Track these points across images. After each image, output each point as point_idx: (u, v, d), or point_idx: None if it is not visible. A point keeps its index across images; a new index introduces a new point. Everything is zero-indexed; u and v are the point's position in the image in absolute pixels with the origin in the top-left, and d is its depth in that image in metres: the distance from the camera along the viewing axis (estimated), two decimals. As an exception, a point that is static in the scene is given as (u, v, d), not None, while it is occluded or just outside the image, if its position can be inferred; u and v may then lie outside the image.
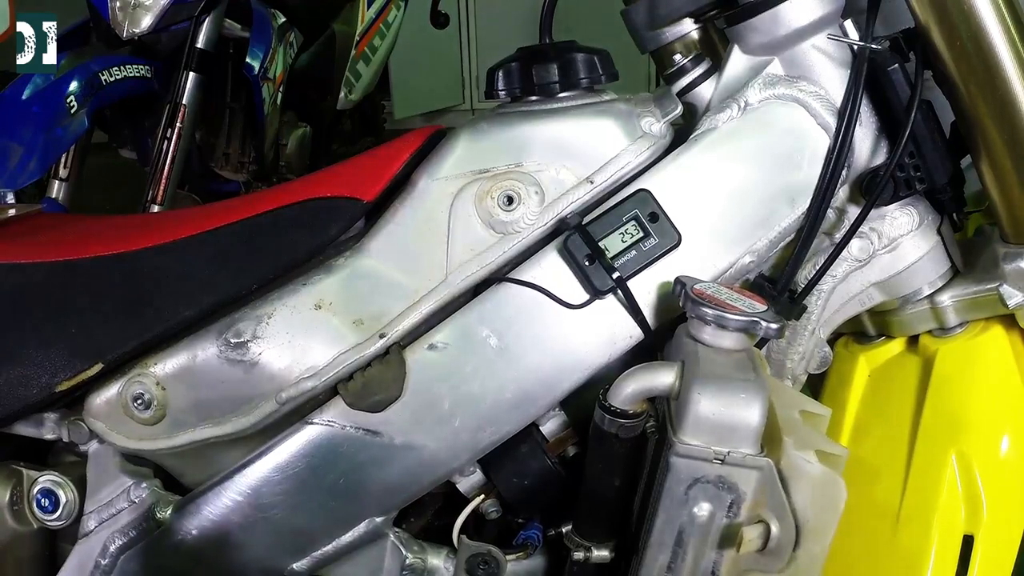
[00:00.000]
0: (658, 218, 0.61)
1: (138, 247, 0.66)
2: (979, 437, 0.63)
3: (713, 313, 0.55)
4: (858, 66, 0.60)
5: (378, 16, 3.15)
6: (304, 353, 0.62)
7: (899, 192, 0.63)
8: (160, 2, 1.99)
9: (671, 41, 0.72)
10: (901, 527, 0.64)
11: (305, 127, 2.84)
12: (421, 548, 0.69)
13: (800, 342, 0.68)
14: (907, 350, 0.70)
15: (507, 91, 0.66)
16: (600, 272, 0.60)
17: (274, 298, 0.64)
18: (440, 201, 0.64)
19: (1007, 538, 0.63)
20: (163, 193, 2.01)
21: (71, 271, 0.66)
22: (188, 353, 0.64)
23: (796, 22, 0.62)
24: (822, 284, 0.66)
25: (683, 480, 0.53)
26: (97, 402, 0.65)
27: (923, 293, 0.67)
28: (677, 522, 0.54)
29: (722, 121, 0.63)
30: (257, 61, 2.36)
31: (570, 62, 0.65)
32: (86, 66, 1.96)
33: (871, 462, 0.67)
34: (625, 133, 0.63)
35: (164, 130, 2.04)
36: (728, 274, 0.63)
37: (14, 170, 1.84)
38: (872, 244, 0.65)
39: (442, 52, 4.78)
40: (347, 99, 3.02)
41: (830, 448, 0.54)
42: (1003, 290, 0.63)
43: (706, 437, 0.52)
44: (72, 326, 0.64)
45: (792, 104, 0.63)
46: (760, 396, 0.51)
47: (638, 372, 0.56)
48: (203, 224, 0.66)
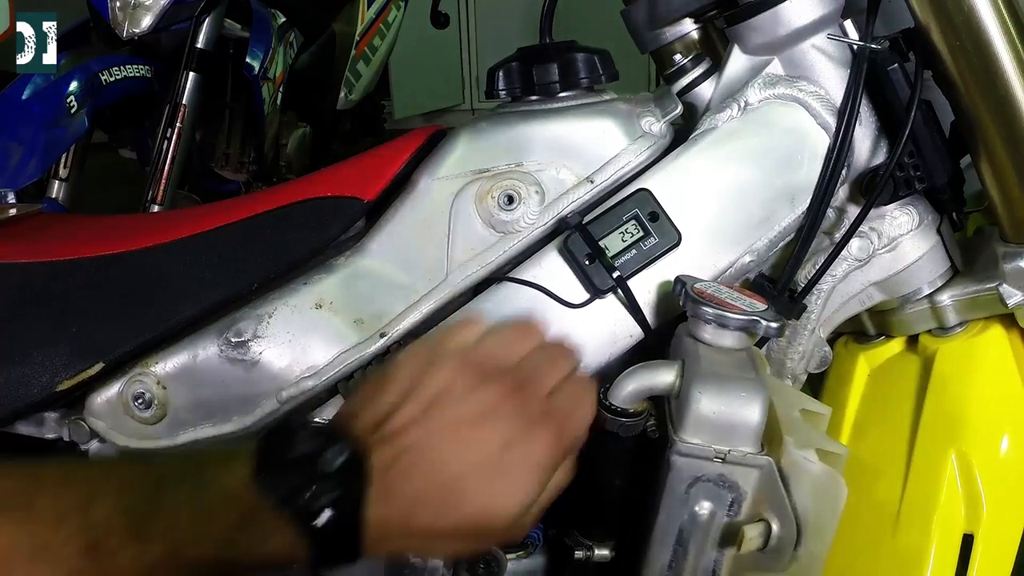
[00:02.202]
0: (658, 217, 0.61)
1: (138, 247, 0.66)
2: (979, 436, 0.64)
3: (713, 312, 0.55)
4: (858, 66, 0.61)
5: (378, 16, 3.15)
6: (305, 352, 0.63)
7: (899, 192, 0.63)
8: (160, 2, 1.99)
9: (671, 41, 0.72)
10: (901, 526, 0.64)
11: (305, 127, 2.84)
12: (421, 547, 0.69)
13: (800, 341, 0.68)
14: (907, 349, 0.70)
15: (507, 91, 0.66)
16: (600, 271, 0.60)
17: (275, 297, 0.64)
18: (440, 201, 0.64)
19: (1007, 537, 0.63)
20: (163, 193, 2.02)
21: (71, 271, 0.66)
22: (189, 352, 0.64)
23: (796, 22, 0.62)
24: (822, 284, 0.66)
25: (684, 479, 0.53)
26: (98, 401, 0.65)
27: (923, 293, 0.67)
28: (678, 521, 0.54)
29: (722, 121, 0.63)
30: (257, 61, 2.36)
31: (570, 62, 0.65)
32: (86, 66, 1.96)
33: (871, 461, 0.67)
34: (625, 133, 0.63)
35: (164, 130, 2.03)
36: (728, 273, 0.63)
37: (14, 170, 1.84)
38: (872, 244, 0.65)
39: (442, 52, 4.78)
40: (347, 99, 3.02)
41: (830, 447, 0.54)
42: (1003, 289, 0.63)
43: (707, 436, 0.52)
44: (72, 326, 0.64)
45: (792, 104, 0.63)
46: (760, 395, 0.52)
47: (638, 371, 0.56)
48: (203, 224, 0.66)
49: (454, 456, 0.46)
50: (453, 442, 0.46)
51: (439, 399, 0.47)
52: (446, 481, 0.46)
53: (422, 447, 0.46)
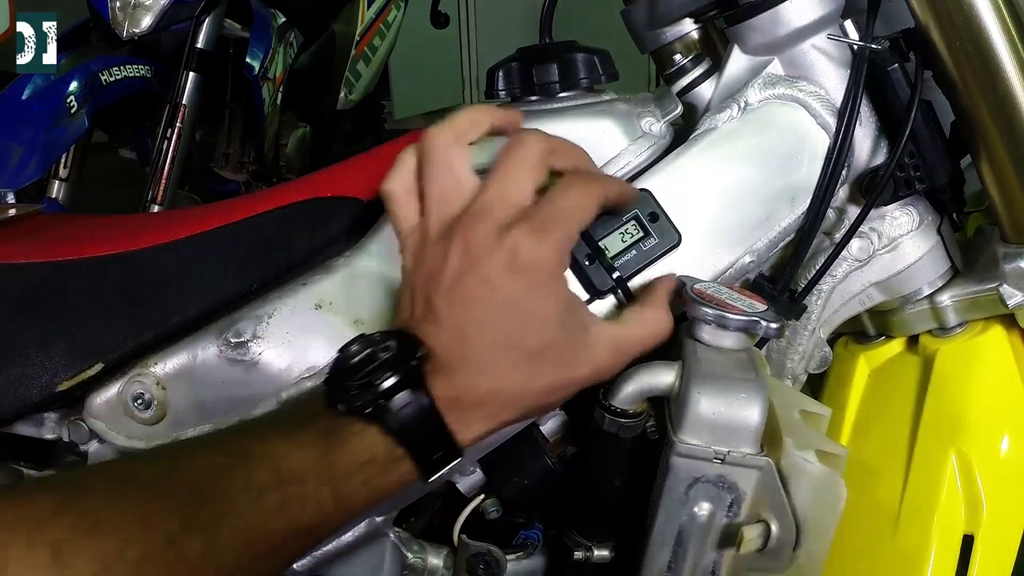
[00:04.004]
0: (658, 218, 0.61)
1: (138, 247, 0.66)
2: (979, 437, 0.64)
3: (713, 313, 0.55)
4: (858, 66, 0.60)
5: (378, 16, 3.15)
6: (304, 353, 0.62)
7: (899, 192, 0.63)
8: (160, 2, 1.99)
9: (671, 41, 0.71)
10: (901, 527, 0.64)
11: (305, 127, 2.84)
12: (421, 548, 0.69)
13: (800, 342, 0.68)
14: (907, 350, 0.70)
15: (507, 91, 0.66)
16: (600, 272, 0.60)
17: (274, 298, 0.64)
18: (440, 201, 0.64)
19: (1007, 538, 0.63)
20: (163, 193, 2.02)
21: (71, 271, 0.66)
22: (188, 353, 0.64)
23: (796, 22, 0.62)
24: (822, 284, 0.66)
25: (683, 480, 0.53)
26: (97, 402, 0.65)
27: (923, 293, 0.67)
28: (677, 522, 0.54)
29: (722, 121, 0.63)
30: (257, 61, 2.36)
31: (570, 62, 0.65)
32: (86, 66, 1.97)
33: (871, 462, 0.67)
34: (625, 133, 0.63)
35: (164, 130, 2.04)
36: (728, 274, 0.63)
37: (14, 170, 1.84)
38: (872, 244, 0.65)
39: (442, 52, 4.79)
40: (347, 99, 3.03)
41: (830, 448, 0.54)
42: (1003, 290, 0.63)
43: (706, 436, 0.52)
44: (72, 326, 0.64)
45: (792, 104, 0.63)
46: (760, 395, 0.52)
47: (638, 372, 0.56)
48: (203, 224, 0.66)
49: (492, 313, 0.48)
50: (489, 305, 0.48)
51: (462, 265, 0.48)
52: (496, 341, 0.47)
53: (464, 315, 0.48)
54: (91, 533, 0.38)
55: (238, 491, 0.42)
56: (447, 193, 0.51)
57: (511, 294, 0.48)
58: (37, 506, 0.39)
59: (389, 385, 0.45)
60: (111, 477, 0.43)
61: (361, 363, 0.46)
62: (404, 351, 0.47)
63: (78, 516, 0.38)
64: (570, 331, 0.50)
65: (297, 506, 0.44)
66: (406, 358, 0.46)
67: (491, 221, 0.48)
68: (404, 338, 0.48)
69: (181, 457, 0.45)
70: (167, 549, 0.39)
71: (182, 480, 0.42)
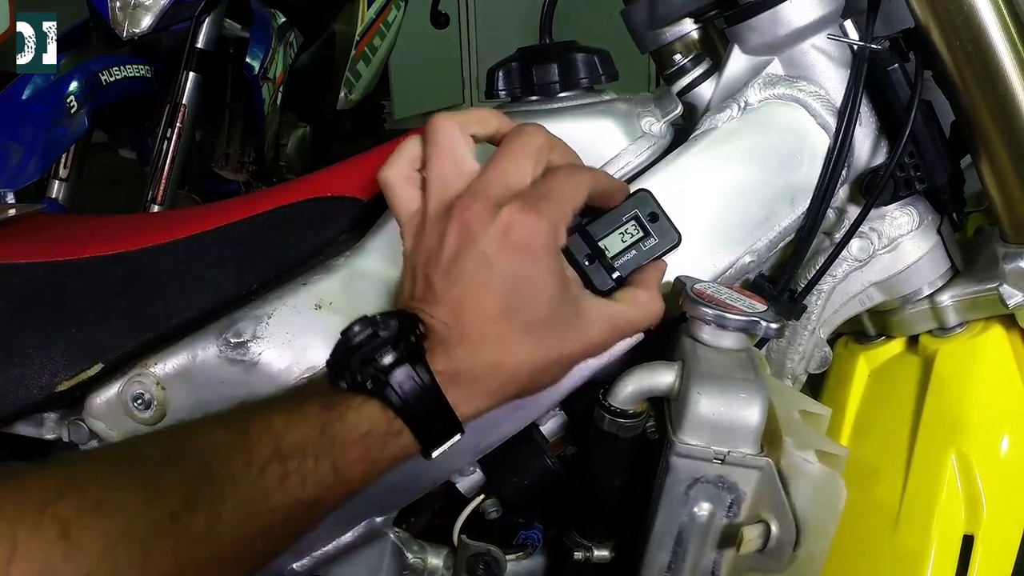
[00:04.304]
0: (658, 218, 0.61)
1: (138, 247, 0.66)
2: (979, 437, 0.64)
3: (713, 313, 0.55)
4: (858, 66, 0.60)
5: (378, 16, 3.15)
6: (304, 353, 0.62)
7: (899, 192, 0.63)
8: (160, 2, 1.99)
9: (671, 41, 0.71)
10: (901, 527, 0.64)
11: (305, 127, 2.84)
12: (421, 548, 0.69)
13: (800, 342, 0.68)
14: (907, 350, 0.70)
15: (507, 91, 0.66)
16: (600, 272, 0.60)
17: (274, 298, 0.64)
18: (440, 201, 0.63)
19: (1007, 538, 0.63)
20: (163, 193, 2.02)
21: (71, 271, 0.66)
22: (188, 353, 0.64)
23: (796, 22, 0.62)
24: (822, 284, 0.66)
25: (683, 480, 0.53)
26: (97, 402, 0.65)
27: (923, 293, 0.67)
28: (677, 522, 0.54)
29: (722, 121, 0.63)
30: (257, 61, 2.36)
31: (570, 62, 0.65)
32: (86, 66, 1.97)
33: (871, 462, 0.67)
34: (625, 133, 0.63)
35: (164, 130, 2.04)
36: (728, 274, 0.63)
37: (14, 170, 1.84)
38: (872, 244, 0.65)
39: (442, 52, 4.79)
40: (347, 99, 3.03)
41: (830, 448, 0.54)
42: (1003, 290, 0.63)
43: (706, 437, 0.52)
44: (72, 326, 0.64)
45: (792, 104, 0.63)
46: (760, 396, 0.52)
47: (638, 372, 0.56)
48: (203, 224, 0.66)
49: (489, 288, 0.49)
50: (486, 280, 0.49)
51: (459, 243, 0.49)
52: (493, 316, 0.48)
53: (462, 291, 0.49)
54: (97, 510, 0.39)
55: (240, 467, 0.43)
56: (448, 176, 0.52)
57: (507, 269, 0.48)
58: (44, 485, 0.39)
59: (389, 361, 0.46)
60: (116, 456, 0.44)
61: (362, 342, 0.47)
62: (404, 329, 0.48)
63: (84, 494, 0.39)
64: (565, 305, 0.51)
65: (298, 480, 0.44)
66: (406, 335, 0.47)
67: (487, 200, 0.49)
68: (404, 317, 0.49)
69: (184, 436, 0.45)
70: (171, 525, 0.40)
71: (185, 458, 0.43)
